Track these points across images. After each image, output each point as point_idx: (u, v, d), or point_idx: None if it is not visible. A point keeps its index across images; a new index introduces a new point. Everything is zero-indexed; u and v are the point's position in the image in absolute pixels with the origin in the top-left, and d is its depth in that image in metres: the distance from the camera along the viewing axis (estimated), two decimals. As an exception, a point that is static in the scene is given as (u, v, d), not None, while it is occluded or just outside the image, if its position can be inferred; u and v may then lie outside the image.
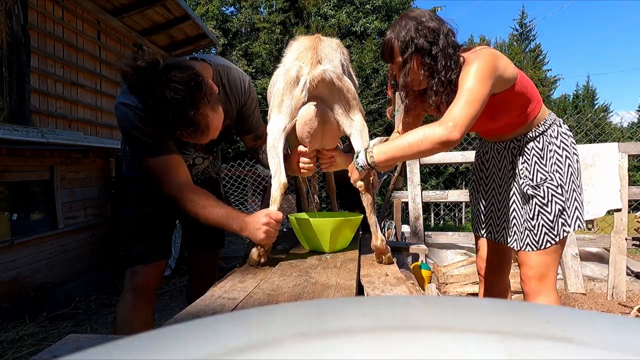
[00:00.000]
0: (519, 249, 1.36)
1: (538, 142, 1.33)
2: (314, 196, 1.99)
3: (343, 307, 0.23)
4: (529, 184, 1.32)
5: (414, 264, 3.01)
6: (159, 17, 4.81)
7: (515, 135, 1.36)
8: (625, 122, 20.63)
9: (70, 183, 3.73)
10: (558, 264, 1.34)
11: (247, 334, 0.20)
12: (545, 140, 1.32)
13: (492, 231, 1.50)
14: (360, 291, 1.04)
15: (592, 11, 68.34)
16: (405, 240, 3.74)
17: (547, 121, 1.33)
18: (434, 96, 1.24)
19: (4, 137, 2.56)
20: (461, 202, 9.52)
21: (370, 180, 1.32)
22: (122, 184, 1.51)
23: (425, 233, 3.64)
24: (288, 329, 0.20)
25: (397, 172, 3.74)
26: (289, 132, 1.28)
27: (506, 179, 1.43)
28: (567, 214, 1.28)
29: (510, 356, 0.18)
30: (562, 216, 1.28)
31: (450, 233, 3.85)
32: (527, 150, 1.34)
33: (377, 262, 1.30)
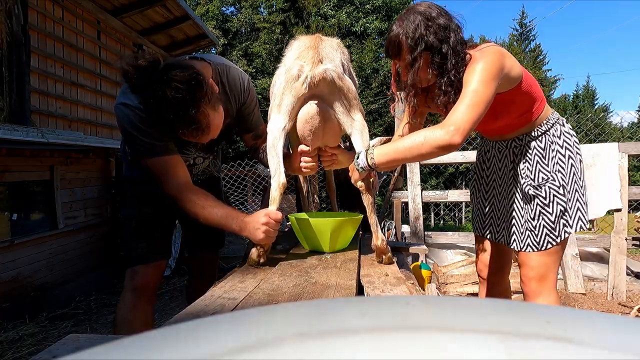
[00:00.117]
0: (519, 249, 1.34)
1: (540, 141, 1.30)
2: (314, 196, 1.99)
3: (343, 307, 0.23)
4: (531, 184, 1.30)
5: (414, 264, 3.01)
6: (159, 17, 4.81)
7: (518, 134, 1.33)
8: (625, 122, 20.68)
9: (70, 183, 3.73)
10: (559, 265, 1.32)
11: (247, 334, 0.20)
12: (548, 139, 1.29)
13: (492, 231, 1.49)
14: (360, 291, 1.04)
15: (592, 11, 68.49)
16: (405, 240, 3.74)
17: (550, 120, 1.31)
18: (443, 96, 1.19)
19: (4, 137, 2.56)
20: (461, 202, 9.52)
21: (371, 180, 1.32)
22: (122, 184, 1.51)
23: (425, 233, 3.64)
24: (288, 329, 0.20)
25: (397, 172, 3.74)
26: (289, 132, 1.28)
27: (507, 178, 1.41)
28: (568, 214, 1.26)
29: (510, 356, 0.18)
30: (564, 217, 1.26)
31: (450, 233, 3.85)
32: (529, 149, 1.32)
33: (378, 262, 1.30)
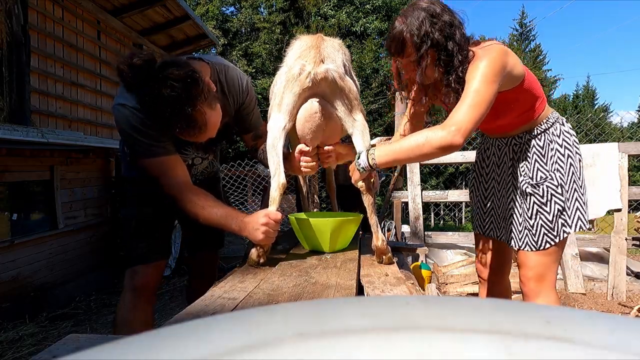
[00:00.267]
0: (518, 248, 1.34)
1: (539, 140, 1.30)
2: (314, 196, 1.99)
3: (343, 307, 0.23)
4: (529, 182, 1.29)
5: (414, 264, 3.01)
6: (159, 17, 4.81)
7: (518, 132, 1.33)
8: (625, 122, 20.68)
9: (70, 183, 3.73)
10: (558, 265, 1.32)
11: (247, 334, 0.20)
12: (547, 138, 1.29)
13: (494, 228, 1.48)
14: (360, 291, 1.04)
15: (592, 11, 68.53)
16: (405, 240, 3.74)
17: (550, 119, 1.31)
18: (454, 94, 1.16)
19: (4, 137, 2.56)
20: (461, 202, 9.52)
21: (372, 180, 1.32)
22: (122, 184, 1.51)
23: (425, 233, 3.64)
24: (288, 329, 0.20)
25: (397, 172, 3.74)
26: (289, 132, 1.27)
27: (506, 176, 1.40)
28: (567, 214, 1.26)
29: (510, 356, 0.18)
30: (562, 216, 1.26)
31: (450, 233, 3.85)
32: (528, 148, 1.31)
33: (378, 262, 1.30)
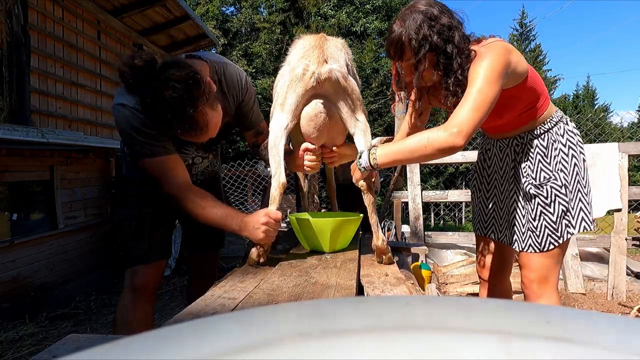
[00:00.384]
0: (520, 250, 1.32)
1: (542, 139, 1.27)
2: (314, 196, 1.99)
3: (343, 307, 0.23)
4: (532, 183, 1.27)
5: (414, 264, 3.00)
6: (159, 17, 4.81)
7: (520, 132, 1.30)
8: (625, 122, 20.69)
9: (70, 183, 3.72)
10: (560, 267, 1.30)
11: (247, 334, 0.20)
12: (551, 138, 1.27)
13: (495, 231, 1.46)
14: (360, 291, 1.04)
15: (592, 11, 68.57)
16: (405, 240, 3.74)
17: (554, 118, 1.28)
18: (452, 97, 1.15)
19: (4, 137, 2.56)
20: (461, 202, 9.52)
21: (372, 180, 1.32)
22: (122, 184, 1.51)
23: (425, 233, 3.64)
24: (288, 329, 0.20)
25: (397, 172, 3.74)
26: (291, 130, 1.27)
27: (508, 177, 1.38)
28: (571, 215, 1.24)
29: (510, 356, 0.18)
30: (566, 217, 1.24)
31: (450, 233, 3.85)
32: (530, 148, 1.29)
33: (378, 262, 1.30)
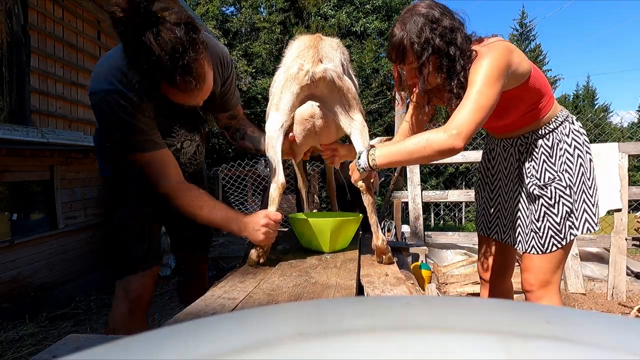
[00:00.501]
0: (524, 251, 1.31)
1: (547, 139, 1.25)
2: (314, 196, 1.99)
3: (343, 307, 0.23)
4: (536, 183, 1.26)
5: (414, 264, 3.00)
6: (159, 17, 4.81)
7: (524, 132, 1.29)
8: (625, 122, 20.74)
9: (70, 183, 3.73)
10: (562, 269, 1.28)
11: (247, 334, 0.20)
12: (556, 137, 1.25)
13: (499, 232, 1.45)
14: (360, 291, 1.04)
15: (592, 11, 68.66)
16: (405, 240, 3.74)
17: (559, 118, 1.26)
18: (455, 99, 1.13)
19: (4, 137, 2.57)
20: (461, 202, 9.52)
21: (371, 181, 1.32)
22: (105, 186, 1.41)
23: (425, 233, 3.64)
24: (288, 329, 0.20)
25: (397, 172, 3.74)
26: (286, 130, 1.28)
27: (512, 177, 1.36)
28: (574, 216, 1.22)
29: (510, 356, 0.18)
30: (570, 219, 1.22)
31: (450, 233, 3.85)
32: (535, 148, 1.27)
33: (378, 262, 1.30)
